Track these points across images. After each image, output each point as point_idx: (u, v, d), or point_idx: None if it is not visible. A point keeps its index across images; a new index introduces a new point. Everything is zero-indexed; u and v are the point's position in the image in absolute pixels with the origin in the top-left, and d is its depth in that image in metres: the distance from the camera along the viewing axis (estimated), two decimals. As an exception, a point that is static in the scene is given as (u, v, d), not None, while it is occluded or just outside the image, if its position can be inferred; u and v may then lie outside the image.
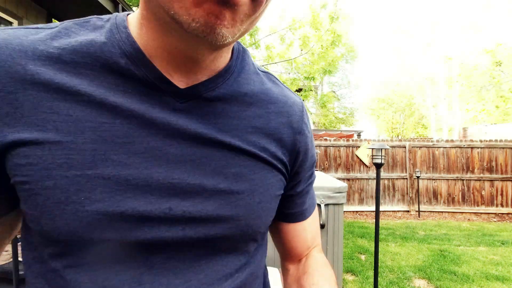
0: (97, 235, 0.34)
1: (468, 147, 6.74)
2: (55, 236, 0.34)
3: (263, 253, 0.48)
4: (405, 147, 6.82)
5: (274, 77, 0.49)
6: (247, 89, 0.43)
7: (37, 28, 0.36)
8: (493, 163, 6.69)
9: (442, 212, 6.70)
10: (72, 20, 0.38)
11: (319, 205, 2.24)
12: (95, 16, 0.39)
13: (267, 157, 0.42)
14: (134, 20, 0.38)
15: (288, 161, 0.46)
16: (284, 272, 0.55)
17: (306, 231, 0.53)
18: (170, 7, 0.30)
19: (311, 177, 0.52)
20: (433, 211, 6.71)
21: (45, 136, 0.33)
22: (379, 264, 3.15)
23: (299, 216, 0.52)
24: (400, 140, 7.02)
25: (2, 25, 4.19)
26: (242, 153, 0.40)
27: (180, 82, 0.38)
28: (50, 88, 0.34)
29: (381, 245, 4.22)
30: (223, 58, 0.40)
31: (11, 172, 0.34)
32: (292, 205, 0.50)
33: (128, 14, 0.39)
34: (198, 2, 0.29)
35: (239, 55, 0.44)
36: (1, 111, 0.33)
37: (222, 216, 0.39)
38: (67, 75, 0.34)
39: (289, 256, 0.54)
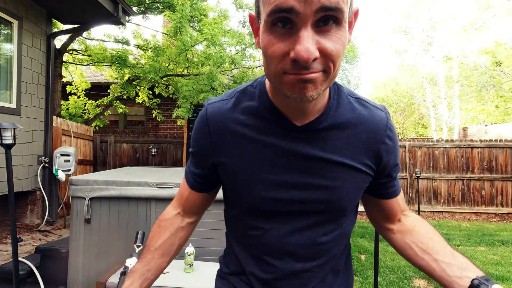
0: (261, 207, 0.65)
1: (468, 147, 6.74)
2: (241, 205, 0.68)
3: (349, 223, 0.72)
4: (405, 147, 6.82)
5: (364, 100, 0.68)
6: (342, 118, 0.64)
7: (227, 99, 0.67)
8: (493, 163, 6.70)
9: (442, 212, 6.70)
10: (237, 90, 0.68)
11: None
12: (248, 84, 0.68)
13: (355, 164, 0.64)
14: (269, 87, 0.64)
15: (373, 163, 0.67)
16: (386, 231, 0.79)
17: (398, 202, 0.76)
18: (280, 89, 0.54)
19: (397, 168, 0.73)
20: (433, 211, 6.71)
21: (232, 160, 0.65)
22: (379, 264, 3.15)
23: (393, 193, 0.74)
24: (400, 140, 7.02)
25: (1, 25, 4.18)
26: (337, 164, 0.63)
27: (298, 122, 0.62)
28: (234, 134, 0.64)
29: (381, 245, 4.22)
30: (321, 103, 0.62)
31: (220, 175, 0.69)
32: (386, 187, 0.73)
33: (265, 79, 0.66)
34: (292, 85, 0.51)
35: (335, 93, 0.65)
36: (216, 146, 0.66)
37: (323, 200, 0.64)
38: (241, 126, 0.64)
39: (389, 220, 0.77)
